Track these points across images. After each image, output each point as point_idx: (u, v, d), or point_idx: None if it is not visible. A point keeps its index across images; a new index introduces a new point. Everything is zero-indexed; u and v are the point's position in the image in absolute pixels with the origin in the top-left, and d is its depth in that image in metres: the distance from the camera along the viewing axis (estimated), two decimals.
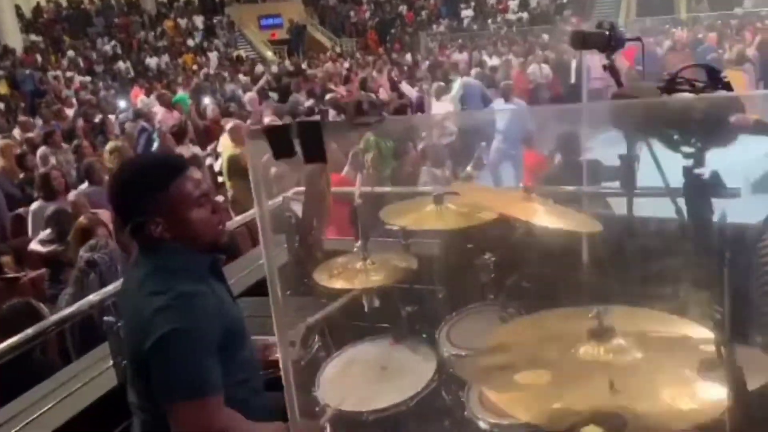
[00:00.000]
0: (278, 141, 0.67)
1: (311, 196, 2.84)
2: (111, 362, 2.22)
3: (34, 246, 4.62)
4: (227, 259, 2.61)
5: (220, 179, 7.26)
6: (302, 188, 2.98)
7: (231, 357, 1.68)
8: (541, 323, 1.39)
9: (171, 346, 1.53)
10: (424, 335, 2.25)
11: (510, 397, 1.21)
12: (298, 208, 3.00)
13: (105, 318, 2.19)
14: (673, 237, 2.17)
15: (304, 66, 16.20)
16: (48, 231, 4.53)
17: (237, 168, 6.09)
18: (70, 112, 11.66)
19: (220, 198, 6.16)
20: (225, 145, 7.11)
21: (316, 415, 2.05)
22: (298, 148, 0.66)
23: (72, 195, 5.60)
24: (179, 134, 7.05)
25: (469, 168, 7.12)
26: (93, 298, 2.22)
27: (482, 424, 1.75)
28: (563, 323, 1.30)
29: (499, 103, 8.27)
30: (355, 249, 2.43)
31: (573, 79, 9.96)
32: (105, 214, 4.84)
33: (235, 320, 1.74)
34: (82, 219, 3.82)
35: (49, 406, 2.09)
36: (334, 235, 3.40)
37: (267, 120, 7.59)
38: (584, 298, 1.84)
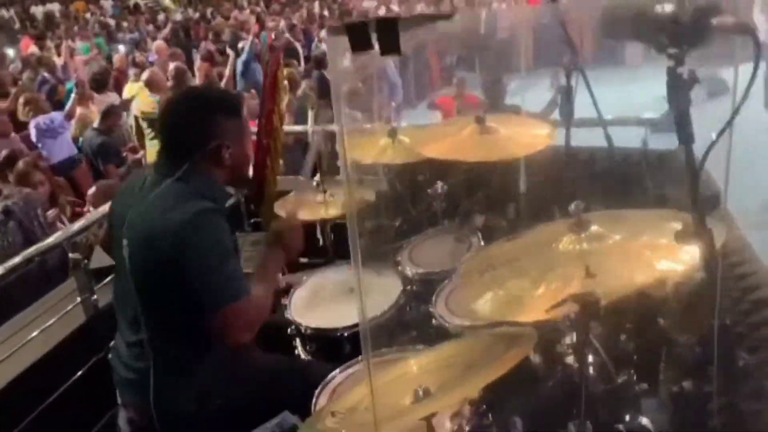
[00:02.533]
0: (357, 35, 0.75)
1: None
2: (78, 299, 2.23)
3: None
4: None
5: None
6: None
7: None
8: (523, 238, 1.51)
9: (210, 255, 1.64)
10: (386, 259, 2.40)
11: (496, 302, 1.32)
12: None
13: (71, 255, 2.18)
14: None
15: (208, 14, 15.58)
16: None
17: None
18: None
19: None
20: (139, 96, 6.77)
21: (290, 337, 2.17)
22: (375, 43, 0.75)
23: None
24: (101, 81, 6.58)
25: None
26: (62, 234, 2.19)
27: (453, 329, 1.92)
28: (543, 232, 1.43)
29: None
30: (314, 184, 2.53)
31: None
32: None
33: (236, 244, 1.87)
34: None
35: (20, 344, 2.08)
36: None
37: (172, 67, 7.20)
38: (533, 217, 2.00)
